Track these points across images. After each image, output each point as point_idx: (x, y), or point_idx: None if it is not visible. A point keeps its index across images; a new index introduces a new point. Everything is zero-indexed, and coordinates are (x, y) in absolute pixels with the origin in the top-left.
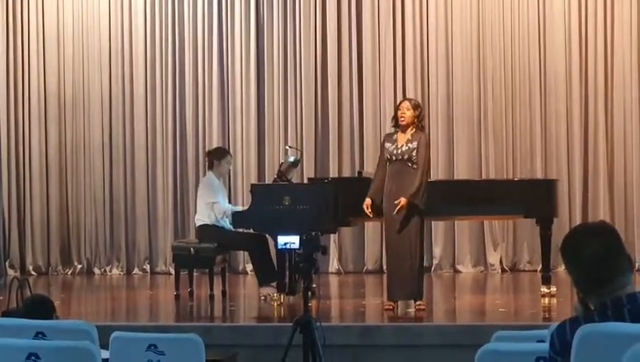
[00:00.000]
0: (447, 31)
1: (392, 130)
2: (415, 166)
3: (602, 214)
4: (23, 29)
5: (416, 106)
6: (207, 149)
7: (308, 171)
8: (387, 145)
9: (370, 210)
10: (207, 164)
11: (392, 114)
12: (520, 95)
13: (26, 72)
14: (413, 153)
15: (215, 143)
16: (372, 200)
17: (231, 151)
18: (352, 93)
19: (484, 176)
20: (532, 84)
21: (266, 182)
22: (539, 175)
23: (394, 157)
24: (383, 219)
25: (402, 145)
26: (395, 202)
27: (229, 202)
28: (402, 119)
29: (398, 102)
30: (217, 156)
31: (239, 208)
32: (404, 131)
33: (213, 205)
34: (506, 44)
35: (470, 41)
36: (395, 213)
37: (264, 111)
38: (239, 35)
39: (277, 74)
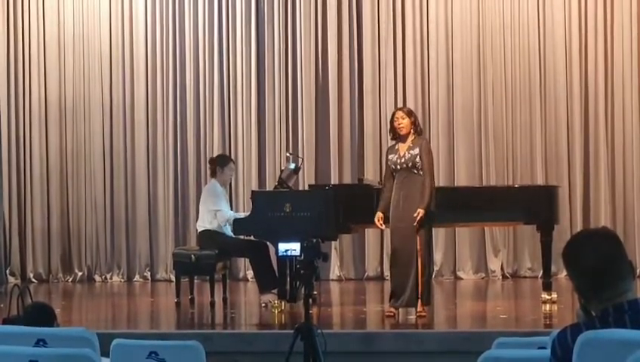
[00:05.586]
0: (448, 38)
1: (393, 142)
2: (420, 172)
3: (603, 220)
4: (24, 37)
5: (409, 113)
6: (208, 156)
7: (308, 178)
8: (390, 157)
9: (381, 223)
10: (210, 171)
11: None
12: (520, 101)
13: (26, 79)
14: (417, 159)
15: (216, 150)
16: (383, 213)
17: (232, 158)
18: (352, 100)
19: (484, 183)
20: (532, 90)
21: (267, 189)
22: (539, 181)
23: (398, 167)
24: (389, 228)
25: (404, 154)
26: (415, 215)
27: (231, 209)
28: (400, 129)
29: (391, 115)
30: (220, 163)
31: (242, 215)
32: (404, 141)
33: (217, 213)
34: (506, 51)
35: (470, 47)
36: (415, 224)
37: (265, 118)
38: (240, 43)
39: (278, 81)
